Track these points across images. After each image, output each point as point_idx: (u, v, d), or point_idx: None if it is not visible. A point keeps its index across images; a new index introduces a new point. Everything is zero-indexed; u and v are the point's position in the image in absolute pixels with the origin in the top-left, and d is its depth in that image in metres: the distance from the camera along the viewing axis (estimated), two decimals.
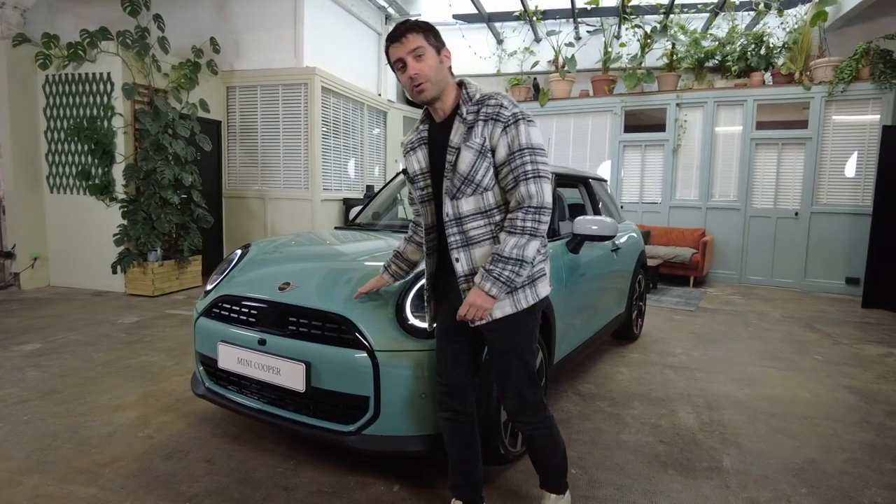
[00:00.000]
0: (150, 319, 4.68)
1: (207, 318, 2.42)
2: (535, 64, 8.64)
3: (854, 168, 6.81)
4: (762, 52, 7.21)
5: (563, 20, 8.40)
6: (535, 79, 8.82)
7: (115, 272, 5.58)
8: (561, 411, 2.98)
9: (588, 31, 8.29)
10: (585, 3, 7.65)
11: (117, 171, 5.62)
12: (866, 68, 6.62)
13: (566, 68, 8.20)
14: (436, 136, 1.73)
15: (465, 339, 1.79)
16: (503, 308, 1.66)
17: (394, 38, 1.63)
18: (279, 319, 2.18)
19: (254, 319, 2.26)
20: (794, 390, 3.40)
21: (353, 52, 7.90)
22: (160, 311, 4.98)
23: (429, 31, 1.63)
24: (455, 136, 1.64)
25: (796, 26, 7.04)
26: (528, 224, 1.57)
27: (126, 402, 2.95)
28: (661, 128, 7.76)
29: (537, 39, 8.75)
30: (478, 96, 1.66)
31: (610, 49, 8.03)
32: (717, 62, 7.60)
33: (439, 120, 1.73)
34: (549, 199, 1.59)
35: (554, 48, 8.45)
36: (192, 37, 6.55)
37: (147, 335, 4.21)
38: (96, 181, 5.67)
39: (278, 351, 2.11)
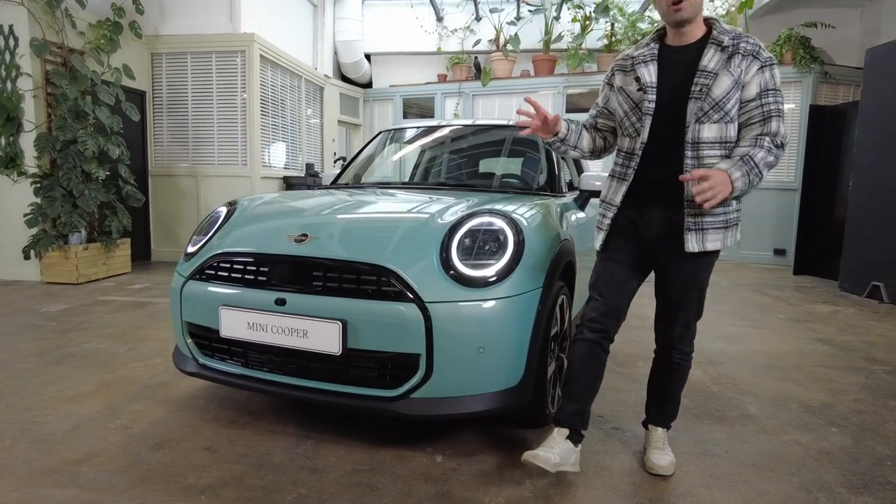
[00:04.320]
0: (82, 307, 4.07)
1: (200, 282, 2.06)
2: (477, 42, 8.53)
3: None
4: None
5: None
6: (476, 58, 8.72)
7: (27, 257, 4.81)
8: None
9: (530, 11, 8.28)
10: None
11: (26, 142, 4.84)
12: (789, 53, 7.10)
13: (509, 47, 8.15)
14: (668, 58, 1.74)
15: (641, 267, 1.85)
16: (715, 243, 1.70)
17: None
18: (301, 275, 1.88)
19: (264, 277, 1.94)
20: (776, 345, 3.52)
21: (289, 22, 7.38)
22: (91, 298, 4.35)
23: None
24: (710, 62, 1.65)
25: (731, 10, 7.41)
26: (775, 150, 1.63)
27: (81, 393, 2.48)
28: None
29: (478, 18, 8.64)
30: (735, 31, 1.68)
31: (551, 29, 8.08)
32: None
33: (677, 44, 1.74)
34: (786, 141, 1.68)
35: (495, 27, 8.38)
36: None
37: (83, 322, 3.64)
38: None
39: (303, 311, 1.82)
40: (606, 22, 7.83)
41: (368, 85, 9.36)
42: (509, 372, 1.84)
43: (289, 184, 6.94)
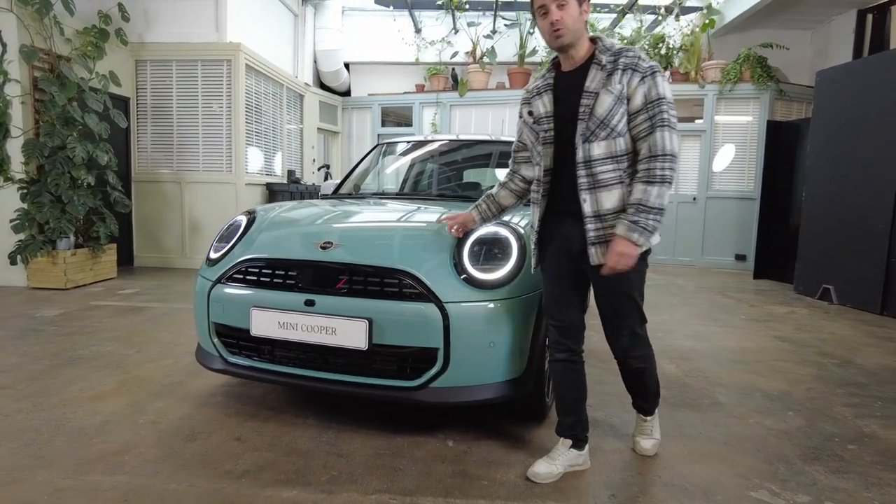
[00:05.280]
0: (77, 311, 4.13)
1: (228, 285, 2.23)
2: (455, 54, 8.80)
3: (731, 158, 7.76)
4: (663, 52, 7.97)
5: (481, 13, 8.65)
6: (453, 69, 8.98)
7: (13, 263, 4.82)
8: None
9: (505, 25, 8.59)
10: None
11: (13, 147, 4.86)
12: (748, 71, 7.59)
13: (486, 59, 8.45)
14: (562, 85, 1.83)
15: (576, 281, 1.90)
16: None
17: None
18: (328, 278, 2.07)
19: (293, 281, 2.12)
20: (740, 342, 3.86)
21: (270, 31, 7.50)
22: (84, 303, 4.40)
23: None
24: (592, 83, 1.74)
25: (696, 29, 7.87)
26: (667, 173, 1.68)
27: (102, 392, 2.61)
28: None
29: (455, 30, 8.91)
30: (615, 48, 1.76)
31: (526, 43, 8.42)
32: None
33: (568, 69, 1.83)
34: (678, 148, 1.71)
35: (472, 39, 8.67)
36: (95, 1, 5.82)
37: (84, 327, 3.72)
38: None
39: (331, 310, 2.01)
40: None
41: (347, 93, 9.52)
42: (515, 364, 2.07)
43: (271, 190, 7.05)
